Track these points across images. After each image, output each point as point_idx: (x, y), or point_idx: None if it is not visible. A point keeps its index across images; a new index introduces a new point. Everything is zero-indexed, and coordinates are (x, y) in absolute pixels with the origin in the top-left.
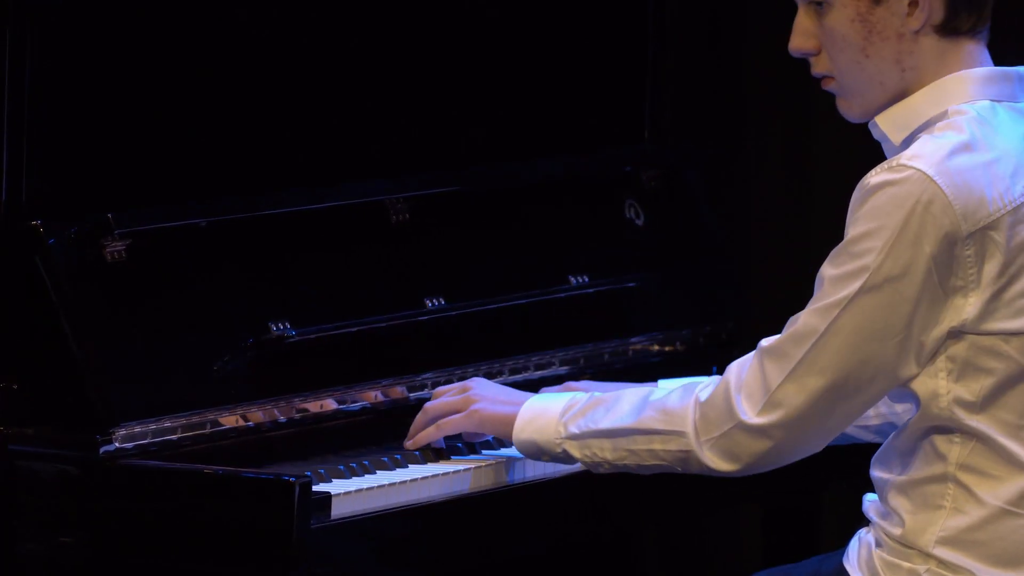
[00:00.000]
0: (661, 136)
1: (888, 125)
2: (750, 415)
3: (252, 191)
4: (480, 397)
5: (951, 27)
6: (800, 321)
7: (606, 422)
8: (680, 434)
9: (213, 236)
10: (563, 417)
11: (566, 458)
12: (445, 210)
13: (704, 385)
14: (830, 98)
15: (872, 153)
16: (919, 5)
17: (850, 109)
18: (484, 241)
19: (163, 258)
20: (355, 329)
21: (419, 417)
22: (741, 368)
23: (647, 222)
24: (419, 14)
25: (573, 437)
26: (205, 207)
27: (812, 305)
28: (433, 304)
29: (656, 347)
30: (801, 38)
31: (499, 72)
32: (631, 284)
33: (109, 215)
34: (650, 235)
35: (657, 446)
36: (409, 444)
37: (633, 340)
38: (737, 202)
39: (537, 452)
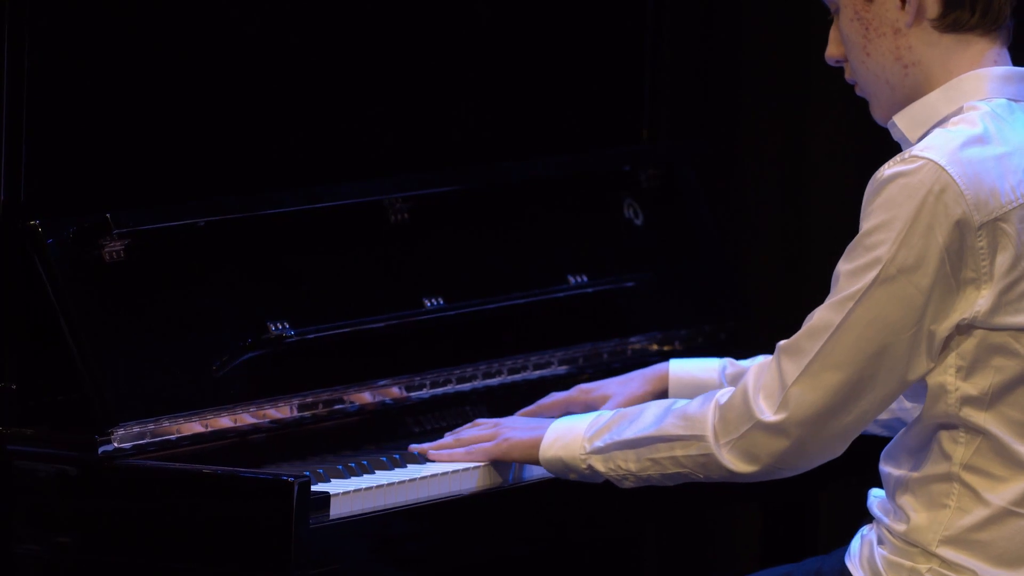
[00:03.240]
0: (659, 135)
1: (905, 123)
2: (768, 413)
3: (251, 191)
4: (510, 428)
5: (951, 22)
6: (815, 317)
7: (629, 433)
8: (700, 438)
9: (212, 236)
10: (588, 433)
11: (592, 474)
12: (444, 210)
13: (724, 390)
14: (827, 98)
15: (868, 153)
16: None
17: (873, 112)
18: (483, 241)
19: (161, 258)
20: (354, 329)
21: (451, 440)
22: (761, 370)
23: (645, 221)
24: (417, 13)
25: (598, 451)
26: (204, 207)
27: (828, 300)
28: (432, 304)
29: (655, 346)
30: (831, 45)
31: (498, 72)
32: (630, 283)
33: (107, 215)
34: (648, 234)
35: (679, 452)
36: (433, 456)
37: (632, 340)
38: (735, 201)
39: (564, 469)
